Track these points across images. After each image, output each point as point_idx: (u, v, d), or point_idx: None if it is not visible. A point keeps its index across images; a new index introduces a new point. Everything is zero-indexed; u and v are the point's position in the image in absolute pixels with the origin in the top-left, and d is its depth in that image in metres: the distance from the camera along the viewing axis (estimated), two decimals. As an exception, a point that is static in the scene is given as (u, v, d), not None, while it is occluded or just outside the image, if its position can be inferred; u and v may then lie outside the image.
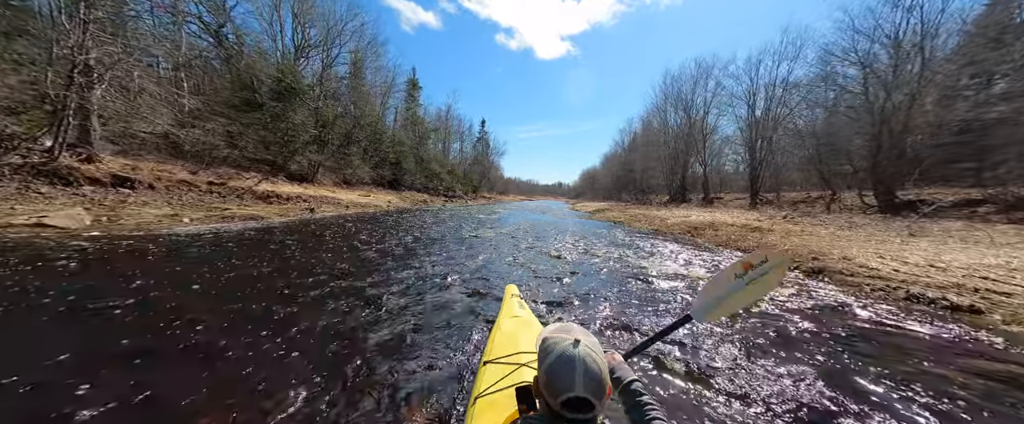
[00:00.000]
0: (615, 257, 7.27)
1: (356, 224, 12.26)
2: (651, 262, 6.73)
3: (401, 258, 6.75)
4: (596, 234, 11.38)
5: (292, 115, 18.70)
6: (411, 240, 8.93)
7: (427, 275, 5.39)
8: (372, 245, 8.02)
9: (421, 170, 38.16)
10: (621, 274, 5.79)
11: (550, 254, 7.43)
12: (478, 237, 9.93)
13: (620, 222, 15.88)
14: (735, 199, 23.57)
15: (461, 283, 5.01)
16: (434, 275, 5.37)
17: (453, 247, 8.03)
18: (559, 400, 0.77)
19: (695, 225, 11.45)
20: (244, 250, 6.56)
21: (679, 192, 33.46)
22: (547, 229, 12.78)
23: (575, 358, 0.78)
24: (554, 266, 6.30)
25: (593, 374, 0.77)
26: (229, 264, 5.25)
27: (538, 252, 7.70)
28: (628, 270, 6.08)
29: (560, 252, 7.63)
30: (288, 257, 6.16)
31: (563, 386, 0.77)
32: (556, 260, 6.87)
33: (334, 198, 19.45)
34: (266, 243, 7.51)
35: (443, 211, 22.85)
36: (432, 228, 11.94)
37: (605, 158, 79.41)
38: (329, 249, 7.27)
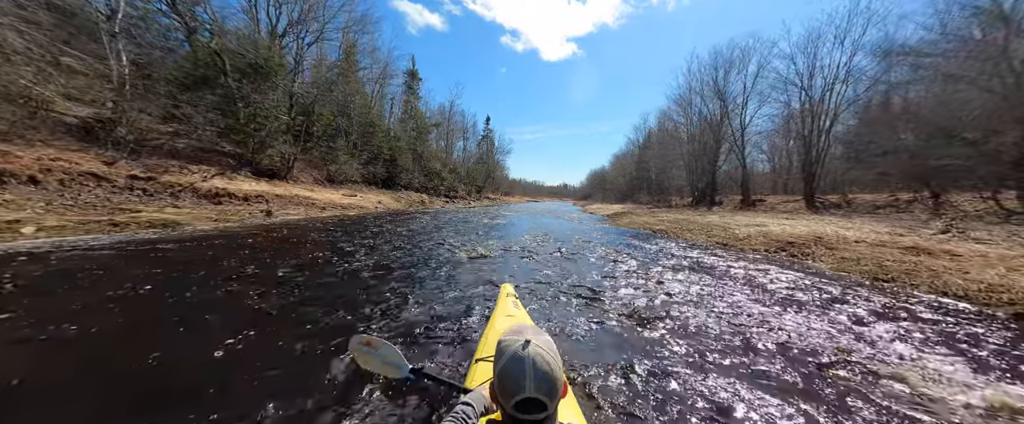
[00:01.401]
0: (746, 312, 3.96)
1: (320, 234, 9.03)
2: (824, 324, 3.41)
3: (335, 310, 3.51)
4: (643, 251, 8.05)
5: (257, 98, 15.51)
6: (377, 265, 5.64)
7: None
8: (306, 275, 4.75)
9: (419, 168, 34.97)
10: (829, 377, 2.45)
11: (616, 309, 4.13)
12: (482, 259, 6.62)
13: (660, 231, 12.50)
14: (784, 202, 20.09)
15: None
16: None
17: (437, 285, 4.74)
18: (511, 402, 0.76)
19: (789, 239, 8.05)
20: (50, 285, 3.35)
21: (706, 193, 29.94)
22: (571, 242, 9.47)
23: (524, 359, 0.77)
24: (655, 350, 2.97)
25: (543, 374, 0.76)
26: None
27: (589, 298, 4.39)
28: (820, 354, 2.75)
29: (628, 302, 4.32)
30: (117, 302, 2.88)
31: (514, 388, 0.76)
32: (635, 324, 3.57)
33: (309, 198, 16.27)
34: (117, 271, 4.35)
35: (441, 215, 19.61)
36: (420, 241, 8.65)
37: (615, 158, 75.99)
38: (225, 284, 4.04)
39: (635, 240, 10.15)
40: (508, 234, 11.15)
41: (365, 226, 11.47)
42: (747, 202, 21.48)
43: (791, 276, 5.59)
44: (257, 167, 17.04)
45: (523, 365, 0.76)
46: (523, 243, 8.91)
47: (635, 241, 9.92)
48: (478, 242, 8.81)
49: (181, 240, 6.97)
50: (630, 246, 8.84)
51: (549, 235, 11.01)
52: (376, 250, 7.08)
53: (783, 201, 20.11)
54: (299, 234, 8.85)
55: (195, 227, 8.49)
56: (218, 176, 14.08)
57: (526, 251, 7.67)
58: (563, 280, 5.19)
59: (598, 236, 11.23)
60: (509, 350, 0.80)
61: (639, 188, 48.38)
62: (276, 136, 16.49)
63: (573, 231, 12.92)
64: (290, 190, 16.38)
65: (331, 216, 14.49)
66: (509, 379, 0.77)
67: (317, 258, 6.05)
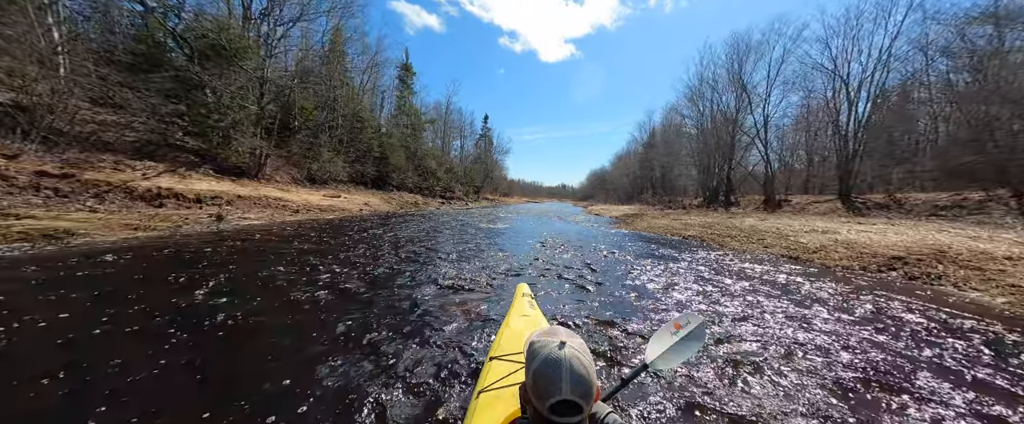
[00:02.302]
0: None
1: (273, 245, 6.96)
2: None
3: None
4: (694, 269, 6.02)
5: (219, 84, 13.37)
6: (315, 308, 3.53)
7: None
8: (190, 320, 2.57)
9: (413, 167, 32.88)
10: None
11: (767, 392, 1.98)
12: (471, 290, 4.53)
13: (692, 237, 10.45)
14: (813, 202, 18.09)
15: None
16: None
17: (401, 338, 2.63)
18: (547, 404, 0.75)
19: (892, 253, 6.01)
20: None
21: (721, 192, 28.00)
22: (593, 253, 7.42)
23: (561, 360, 0.76)
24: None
25: (580, 376, 0.75)
26: None
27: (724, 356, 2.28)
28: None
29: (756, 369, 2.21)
30: None
31: (550, 390, 0.74)
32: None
33: (281, 200, 14.15)
34: None
35: (435, 217, 17.53)
36: (400, 258, 6.56)
37: (617, 158, 73.99)
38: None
39: (671, 250, 8.10)
40: (514, 244, 9.09)
41: (340, 233, 9.38)
42: (772, 203, 19.48)
43: (967, 323, 3.53)
44: (222, 164, 14.91)
45: (560, 367, 0.75)
46: (535, 258, 6.83)
47: (672, 252, 7.86)
48: (476, 257, 6.73)
49: (48, 259, 4.87)
50: (672, 260, 6.78)
51: (563, 243, 8.94)
52: (330, 274, 4.99)
53: (812, 201, 18.14)
54: (242, 246, 6.75)
55: (95, 239, 6.37)
56: (168, 174, 11.96)
57: (545, 272, 5.60)
58: (630, 321, 3.14)
59: (623, 245, 9.17)
60: (544, 351, 0.78)
61: (645, 188, 46.44)
62: (242, 128, 14.36)
63: (588, 237, 10.86)
64: (259, 190, 14.26)
65: (303, 220, 12.39)
66: (545, 380, 0.75)
67: (232, 286, 3.96)
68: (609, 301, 4.13)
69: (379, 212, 19.26)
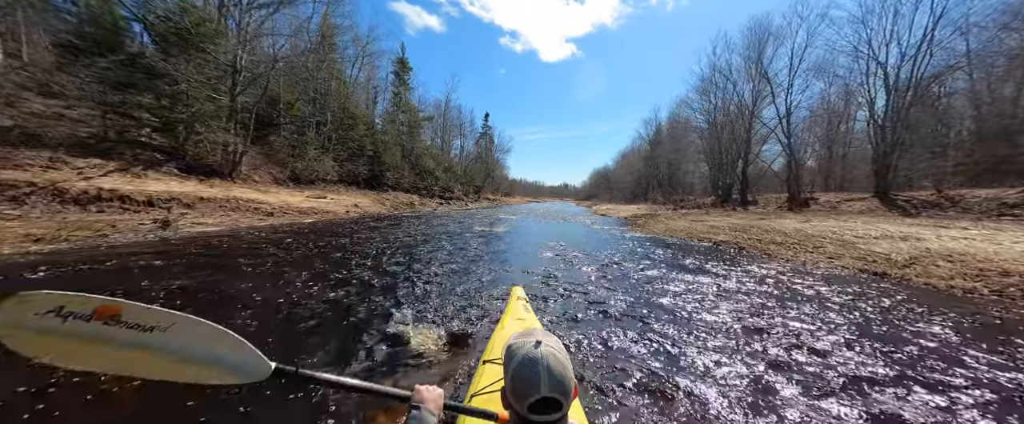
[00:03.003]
0: None
1: (217, 261, 5.41)
2: None
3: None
4: (749, 290, 4.49)
5: (179, 72, 11.84)
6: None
7: None
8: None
9: (410, 166, 31.36)
10: None
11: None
12: (453, 345, 2.98)
13: (724, 243, 8.87)
14: (844, 200, 16.43)
15: None
16: None
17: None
18: (526, 404, 0.73)
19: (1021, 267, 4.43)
20: None
21: (733, 190, 26.40)
22: (607, 264, 5.86)
23: (538, 359, 0.74)
24: None
25: (557, 374, 0.73)
26: None
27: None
28: None
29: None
30: None
31: (529, 389, 0.73)
32: None
33: (254, 202, 12.64)
34: None
35: (431, 219, 16.02)
36: (374, 276, 5.00)
37: (621, 156, 72.26)
38: None
39: (706, 262, 6.52)
40: (515, 254, 7.54)
41: (312, 240, 7.85)
42: (797, 201, 17.84)
43: None
44: (190, 163, 13.41)
45: (537, 366, 0.73)
46: (543, 276, 5.28)
47: (709, 264, 6.28)
48: (467, 275, 5.18)
49: None
50: (714, 275, 5.22)
51: (573, 252, 7.38)
52: (257, 307, 3.44)
53: (843, 200, 16.51)
54: (169, 264, 5.22)
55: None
56: (119, 173, 10.46)
57: (557, 296, 4.06)
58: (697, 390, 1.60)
59: (643, 253, 7.59)
60: (521, 352, 0.77)
61: (652, 187, 44.78)
62: (207, 121, 12.84)
63: (600, 243, 9.30)
64: (229, 191, 12.75)
65: (276, 225, 10.88)
66: (523, 380, 0.74)
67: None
68: (657, 350, 2.59)
69: (369, 214, 17.75)
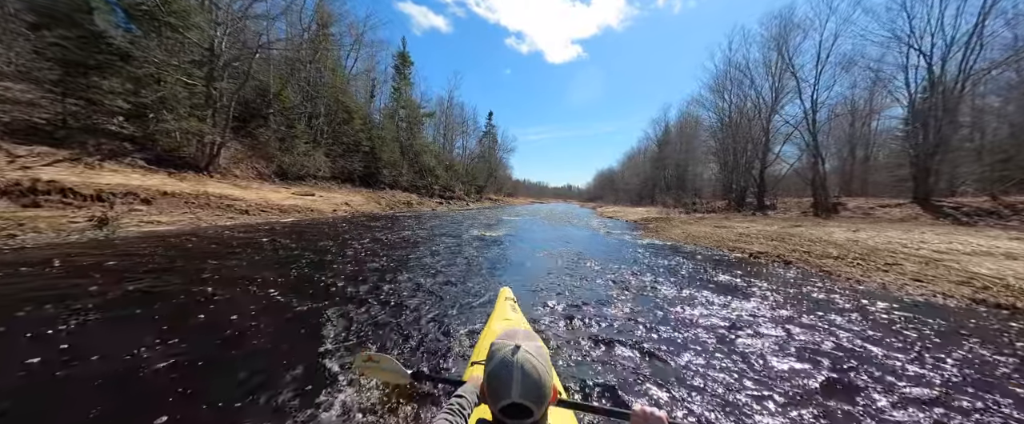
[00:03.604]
0: None
1: (149, 267, 4.11)
2: None
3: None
4: (856, 351, 3.12)
5: (142, 47, 10.61)
6: None
7: None
8: None
9: (408, 163, 30.13)
10: None
11: None
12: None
13: (759, 254, 7.52)
14: (878, 206, 15.00)
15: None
16: None
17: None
18: (498, 407, 0.75)
19: None
20: None
21: (748, 193, 24.98)
22: (637, 296, 4.54)
23: (512, 364, 0.74)
24: None
25: (531, 380, 0.73)
26: None
27: None
28: None
29: None
30: None
31: (501, 392, 0.73)
32: None
33: (227, 198, 11.40)
34: None
35: (425, 221, 14.77)
36: (338, 289, 3.68)
37: (627, 157, 70.80)
38: None
39: (750, 282, 5.19)
40: (517, 265, 6.23)
41: (285, 244, 6.59)
42: (824, 206, 16.41)
43: None
44: (161, 155, 12.22)
45: (511, 370, 0.74)
46: (546, 290, 3.96)
47: (755, 285, 4.95)
48: (452, 291, 3.88)
49: None
50: (768, 301, 3.90)
51: (584, 261, 6.06)
52: (153, 345, 2.16)
53: (877, 205, 15.09)
54: (60, 280, 3.96)
55: None
56: (69, 162, 9.26)
57: (566, 322, 2.77)
58: None
59: (666, 266, 6.26)
60: (498, 355, 0.78)
61: (662, 189, 43.32)
62: (177, 108, 11.61)
63: (612, 251, 7.97)
64: (202, 186, 11.53)
65: (248, 224, 9.65)
66: (497, 383, 0.75)
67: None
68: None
69: (361, 213, 16.51)
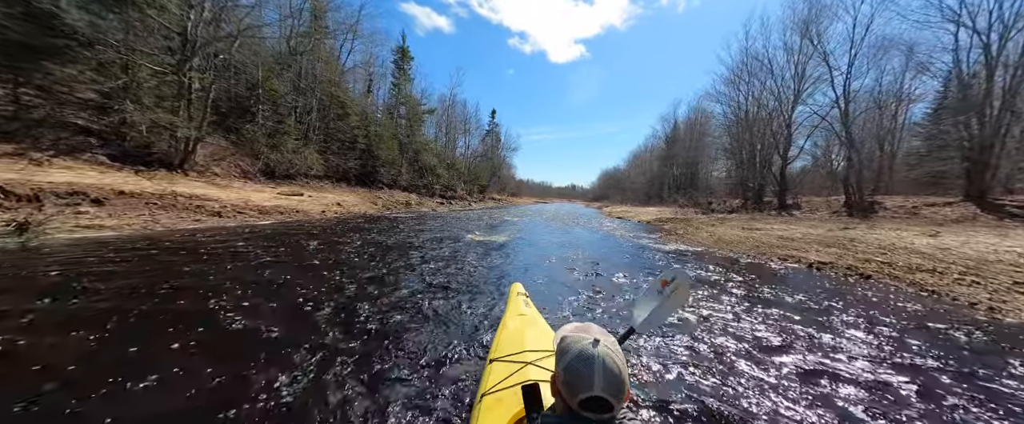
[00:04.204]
0: None
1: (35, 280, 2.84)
2: None
3: None
4: None
5: (97, 27, 9.43)
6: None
7: None
8: None
9: (408, 162, 28.93)
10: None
11: None
12: None
13: (825, 265, 6.15)
14: (924, 205, 13.47)
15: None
16: None
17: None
18: (578, 399, 0.75)
19: None
20: None
21: (766, 191, 23.55)
22: (697, 333, 3.22)
23: (594, 357, 0.75)
24: None
25: (612, 375, 0.74)
26: None
27: None
28: None
29: None
30: None
31: (582, 385, 0.74)
32: None
33: (197, 199, 10.20)
34: None
35: (423, 223, 13.51)
36: (286, 317, 2.39)
37: (633, 156, 69.28)
38: None
39: (829, 302, 3.87)
40: (517, 274, 4.90)
41: (242, 252, 5.34)
42: (859, 205, 14.95)
43: None
44: (128, 150, 11.05)
45: (592, 363, 0.74)
46: (560, 312, 2.65)
47: (836, 308, 3.63)
48: (437, 317, 2.59)
49: None
50: (868, 337, 2.58)
51: (599, 271, 4.74)
52: None
53: (923, 204, 13.61)
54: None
55: None
56: (8, 158, 8.09)
57: None
58: None
59: (709, 282, 4.93)
60: (576, 347, 0.78)
61: (671, 188, 41.82)
62: (141, 97, 10.42)
63: (632, 260, 6.64)
64: (170, 186, 10.34)
65: (220, 229, 8.43)
66: (577, 376, 0.75)
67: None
68: None
69: (353, 214, 15.29)
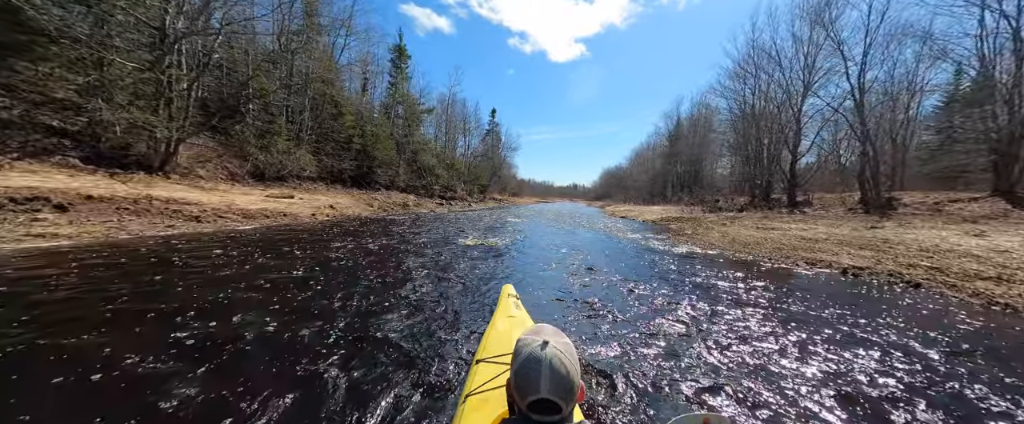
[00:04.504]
0: None
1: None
2: None
3: None
4: None
5: (68, 24, 8.86)
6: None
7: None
8: None
9: (406, 162, 28.32)
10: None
11: None
12: None
13: (855, 272, 5.46)
14: (945, 202, 12.70)
15: None
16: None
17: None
18: (525, 402, 0.75)
19: None
20: None
21: (774, 188, 22.82)
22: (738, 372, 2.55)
23: (541, 360, 0.75)
24: None
25: (560, 376, 0.74)
26: None
27: None
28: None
29: None
30: None
31: (529, 388, 0.75)
32: None
33: (174, 203, 9.59)
34: None
35: (418, 225, 12.88)
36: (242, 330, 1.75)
37: (635, 154, 68.59)
38: None
39: (898, 322, 3.19)
40: (517, 280, 4.24)
41: (216, 260, 4.71)
42: (875, 202, 14.21)
43: None
44: (104, 152, 10.46)
45: (540, 366, 0.75)
46: (585, 348, 2.00)
47: (909, 333, 2.95)
48: (425, 333, 1.94)
49: None
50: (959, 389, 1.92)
51: (607, 282, 4.07)
52: None
53: (946, 200, 12.83)
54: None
55: None
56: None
57: None
58: None
59: (735, 295, 4.27)
60: (527, 350, 0.78)
61: (673, 186, 41.10)
62: (114, 96, 9.83)
63: (644, 267, 5.96)
64: (147, 189, 9.75)
65: (192, 235, 7.80)
66: (525, 379, 0.76)
67: None
68: None
69: (346, 217, 14.67)
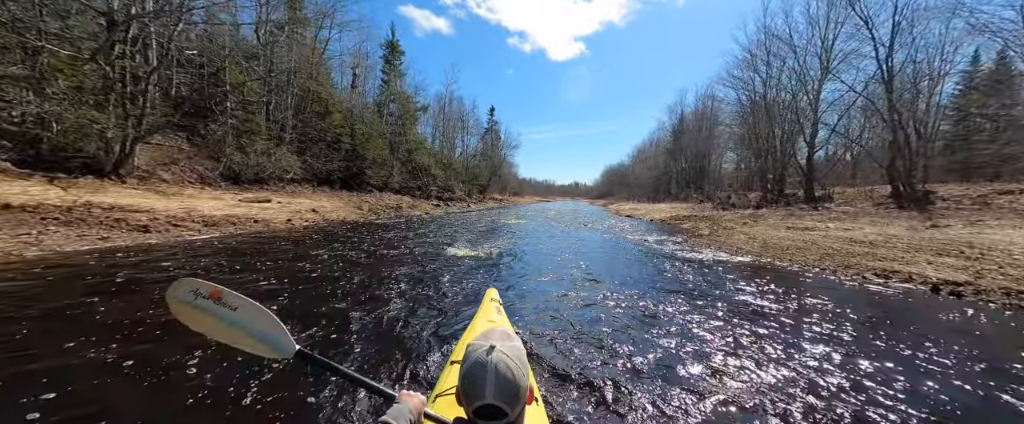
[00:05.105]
0: None
1: None
2: None
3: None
4: None
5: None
6: None
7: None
8: None
9: (400, 163, 27.08)
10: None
11: None
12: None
13: (955, 289, 4.24)
14: (994, 193, 11.36)
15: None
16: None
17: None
18: (471, 408, 0.75)
19: None
20: None
21: (796, 184, 21.52)
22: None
23: (487, 364, 0.73)
24: None
25: (506, 381, 0.72)
26: None
27: None
28: None
29: None
30: None
31: (474, 394, 0.73)
32: None
33: (124, 209, 8.37)
34: None
35: (409, 229, 11.66)
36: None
37: (638, 151, 67.22)
38: None
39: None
40: (510, 304, 2.99)
41: (144, 285, 3.50)
42: (911, 196, 12.87)
43: None
44: (44, 154, 9.24)
45: (485, 371, 0.73)
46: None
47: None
48: None
49: None
50: None
51: (622, 304, 2.84)
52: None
53: (993, 191, 11.49)
54: None
55: None
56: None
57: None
58: None
59: (798, 328, 3.03)
60: (473, 355, 0.77)
61: (678, 183, 39.72)
62: (45, 89, 8.60)
63: (669, 280, 4.71)
64: (87, 196, 8.50)
65: (130, 248, 6.58)
66: (470, 385, 0.74)
67: None
68: None
69: (329, 222, 13.44)
